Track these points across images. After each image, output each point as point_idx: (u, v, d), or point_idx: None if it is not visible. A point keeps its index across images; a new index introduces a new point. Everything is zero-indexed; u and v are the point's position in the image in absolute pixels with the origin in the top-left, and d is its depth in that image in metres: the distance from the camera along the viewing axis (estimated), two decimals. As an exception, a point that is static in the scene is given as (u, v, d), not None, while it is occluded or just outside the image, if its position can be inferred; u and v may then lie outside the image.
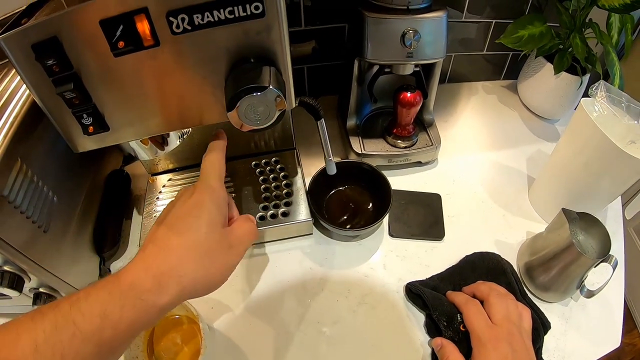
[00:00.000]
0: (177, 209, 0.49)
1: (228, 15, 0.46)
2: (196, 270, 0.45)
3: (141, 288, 0.41)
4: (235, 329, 0.73)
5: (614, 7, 0.86)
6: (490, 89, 1.22)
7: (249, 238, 0.53)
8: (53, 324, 0.37)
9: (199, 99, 0.54)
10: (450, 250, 0.83)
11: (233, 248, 0.50)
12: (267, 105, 0.48)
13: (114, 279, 0.42)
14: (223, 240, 0.49)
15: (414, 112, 0.90)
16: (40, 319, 0.37)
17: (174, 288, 0.43)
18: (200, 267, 0.45)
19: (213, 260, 0.47)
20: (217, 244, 0.48)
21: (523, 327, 0.65)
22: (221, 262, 0.48)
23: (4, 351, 0.36)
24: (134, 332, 0.42)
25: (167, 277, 0.43)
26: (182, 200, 0.51)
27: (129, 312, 0.40)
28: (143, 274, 0.42)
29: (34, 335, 0.36)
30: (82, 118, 0.53)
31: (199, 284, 0.46)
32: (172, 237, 0.46)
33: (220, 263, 0.48)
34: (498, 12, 1.07)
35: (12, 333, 0.37)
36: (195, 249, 0.46)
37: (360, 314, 0.75)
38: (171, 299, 0.43)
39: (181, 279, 0.43)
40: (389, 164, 0.95)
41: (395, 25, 0.76)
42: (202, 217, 0.48)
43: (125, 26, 0.45)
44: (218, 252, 0.48)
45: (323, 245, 0.84)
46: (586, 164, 0.75)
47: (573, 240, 0.67)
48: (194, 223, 0.47)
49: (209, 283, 0.48)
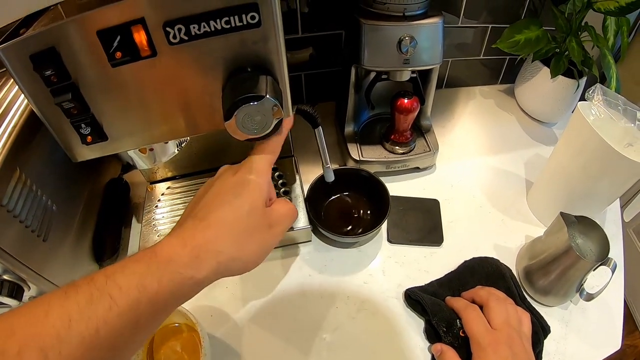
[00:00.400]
0: (219, 185, 0.49)
1: (224, 25, 0.46)
2: (234, 247, 0.44)
3: (179, 262, 0.40)
4: (235, 337, 0.73)
5: (609, 10, 0.86)
6: (487, 93, 1.23)
7: (288, 219, 0.52)
8: (88, 297, 0.36)
9: (196, 108, 0.54)
10: (449, 255, 0.83)
11: (273, 228, 0.49)
12: (264, 114, 0.48)
13: (151, 253, 0.41)
14: (264, 220, 0.48)
15: (412, 118, 0.90)
16: (74, 292, 0.36)
17: (211, 263, 0.42)
18: (238, 244, 0.45)
19: (252, 239, 0.46)
20: (258, 222, 0.47)
21: (523, 331, 0.65)
22: (260, 241, 0.48)
23: (34, 326, 0.34)
24: (170, 307, 0.42)
25: (205, 252, 0.42)
26: (224, 176, 0.50)
27: (167, 286, 0.39)
28: (180, 248, 0.41)
29: (67, 309, 0.35)
30: (81, 128, 0.52)
31: (235, 262, 0.45)
32: (212, 212, 0.45)
33: (259, 242, 0.47)
34: (494, 17, 1.07)
35: (44, 305, 0.35)
36: (235, 226, 0.45)
37: (359, 321, 0.75)
38: (208, 274, 0.42)
39: (219, 255, 0.43)
40: (387, 170, 0.95)
41: (392, 32, 0.77)
42: (245, 194, 0.47)
43: (122, 37, 0.45)
44: (258, 231, 0.47)
45: (322, 252, 0.84)
46: (584, 168, 0.76)
47: (572, 244, 0.67)
48: (236, 200, 0.47)
49: (246, 262, 0.47)
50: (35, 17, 0.48)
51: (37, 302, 0.36)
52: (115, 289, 0.37)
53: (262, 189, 0.49)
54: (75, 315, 0.35)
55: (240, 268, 0.46)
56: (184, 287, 0.41)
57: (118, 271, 0.38)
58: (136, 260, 0.40)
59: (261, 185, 0.49)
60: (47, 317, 0.34)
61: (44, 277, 0.61)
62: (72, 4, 0.46)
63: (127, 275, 0.38)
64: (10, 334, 0.33)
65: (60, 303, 0.35)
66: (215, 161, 0.89)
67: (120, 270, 0.38)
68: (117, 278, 0.37)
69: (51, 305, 0.35)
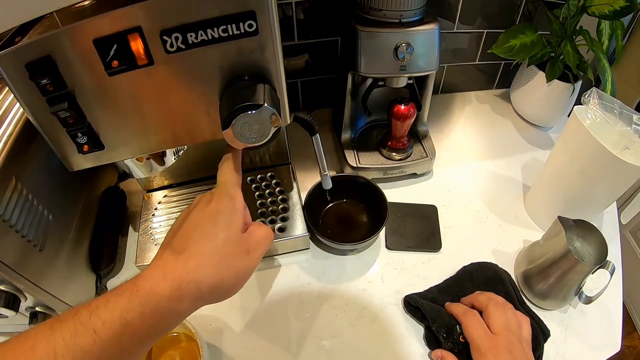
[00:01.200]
0: (195, 215, 0.49)
1: (222, 33, 0.46)
2: (214, 277, 0.45)
3: (160, 294, 0.41)
4: (233, 346, 0.73)
5: (603, 14, 0.87)
6: (483, 98, 1.23)
7: (265, 242, 0.53)
8: (73, 332, 0.37)
9: (193, 117, 0.54)
10: (447, 261, 0.83)
11: (250, 253, 0.49)
12: (262, 123, 0.48)
13: (132, 286, 0.41)
14: (241, 246, 0.48)
15: (408, 124, 0.90)
16: (59, 327, 0.37)
17: (192, 293, 0.43)
18: (218, 272, 0.45)
19: (231, 265, 0.47)
20: (236, 249, 0.47)
21: (523, 335, 0.64)
22: (239, 267, 0.48)
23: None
24: (153, 338, 0.42)
25: (186, 283, 0.42)
26: (199, 207, 0.50)
27: (149, 319, 0.40)
28: (162, 280, 0.42)
29: (52, 343, 0.36)
30: (77, 137, 0.52)
31: (216, 290, 0.46)
32: (190, 243, 0.46)
33: (238, 268, 0.48)
34: (489, 22, 1.08)
35: (30, 341, 0.36)
36: (213, 255, 0.45)
37: (359, 328, 0.74)
38: (190, 305, 0.43)
39: (200, 285, 0.43)
40: (385, 176, 0.95)
41: (388, 39, 0.77)
42: (220, 223, 0.48)
43: (119, 45, 0.45)
44: (236, 257, 0.47)
45: (320, 259, 0.84)
46: (581, 171, 0.76)
47: (570, 247, 0.67)
48: (212, 229, 0.47)
49: (227, 288, 0.47)
50: (31, 26, 0.48)
51: (23, 336, 0.37)
52: (98, 324, 0.38)
53: (238, 216, 0.50)
54: (61, 350, 0.36)
55: (221, 295, 0.47)
56: (166, 318, 0.42)
57: (101, 305, 0.39)
58: (119, 294, 0.40)
59: (237, 211, 0.50)
60: (33, 352, 0.36)
61: (40, 287, 0.61)
62: (68, 12, 0.45)
63: (110, 309, 0.39)
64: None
65: (46, 338, 0.37)
66: (212, 169, 0.87)
67: (103, 305, 0.39)
68: (100, 312, 0.39)
69: (37, 340, 0.37)
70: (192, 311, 0.45)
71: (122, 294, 0.40)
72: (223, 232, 0.47)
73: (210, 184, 0.89)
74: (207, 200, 0.51)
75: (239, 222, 0.49)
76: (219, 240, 0.46)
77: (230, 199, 0.50)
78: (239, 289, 0.49)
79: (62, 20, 0.45)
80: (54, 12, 0.45)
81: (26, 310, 0.64)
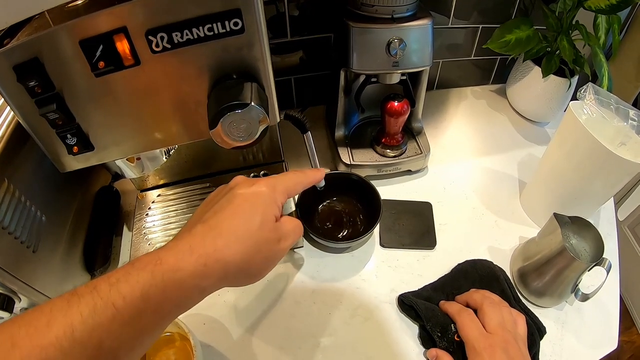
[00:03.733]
0: (233, 195, 0.48)
1: (207, 32, 0.46)
2: (243, 259, 0.44)
3: (185, 270, 0.40)
4: (228, 345, 0.73)
5: (600, 9, 0.86)
6: (479, 94, 1.23)
7: (296, 232, 0.53)
8: (92, 307, 0.35)
9: (182, 117, 0.54)
10: (442, 258, 0.83)
11: (281, 242, 0.49)
12: (250, 122, 0.48)
13: (156, 259, 0.40)
14: (274, 234, 0.48)
15: (402, 121, 0.90)
16: (77, 301, 0.36)
17: (218, 273, 0.42)
18: (247, 256, 0.44)
19: (261, 251, 0.46)
20: (268, 236, 0.47)
21: (518, 333, 0.64)
22: (268, 253, 0.47)
23: (37, 337, 0.33)
24: (174, 314, 0.42)
25: (213, 261, 0.41)
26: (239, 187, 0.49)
27: (172, 295, 0.39)
28: (188, 255, 0.41)
29: (69, 319, 0.34)
30: (67, 138, 0.52)
31: (242, 274, 0.45)
32: (224, 221, 0.45)
33: (267, 255, 0.47)
34: (485, 17, 1.08)
35: (46, 315, 0.35)
36: (246, 238, 0.44)
37: (353, 326, 0.74)
38: (214, 282, 0.43)
39: (227, 265, 0.43)
40: (379, 173, 0.95)
41: (380, 35, 0.77)
42: (259, 207, 0.47)
43: (105, 46, 0.45)
44: (267, 245, 0.47)
45: (314, 257, 0.84)
46: (577, 167, 0.76)
47: (566, 244, 0.67)
48: (249, 210, 0.46)
49: (252, 275, 0.47)
50: (20, 27, 0.48)
51: (38, 310, 0.35)
52: (119, 299, 0.36)
53: (276, 204, 0.49)
54: (78, 326, 0.34)
55: (245, 280, 0.47)
56: (189, 296, 0.41)
57: (122, 279, 0.38)
58: (141, 268, 0.39)
59: (276, 200, 0.49)
60: (49, 327, 0.34)
61: (34, 288, 0.60)
62: (61, 11, 0.46)
63: (132, 284, 0.37)
64: (12, 346, 0.33)
65: (63, 313, 0.35)
66: (205, 168, 0.89)
67: (124, 279, 0.38)
68: (121, 287, 0.37)
69: (53, 314, 0.35)
70: (216, 289, 0.44)
71: (144, 268, 0.39)
72: (260, 216, 0.46)
73: (204, 182, 0.89)
74: (250, 183, 0.50)
75: (277, 211, 0.49)
76: (254, 223, 0.46)
77: (271, 189, 0.49)
78: (264, 275, 0.49)
79: (54, 19, 0.45)
80: (45, 12, 0.45)
81: (21, 312, 0.64)
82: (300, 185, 0.56)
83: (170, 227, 0.82)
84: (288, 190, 0.52)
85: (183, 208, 0.85)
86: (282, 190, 0.51)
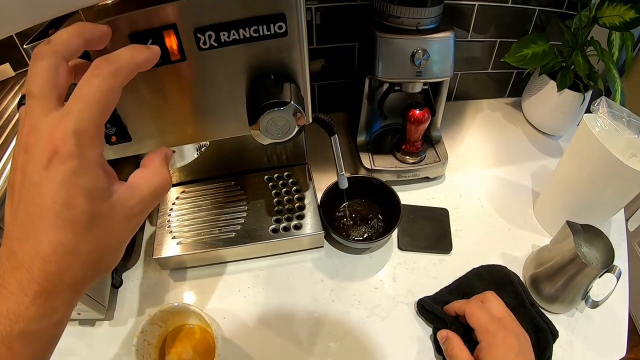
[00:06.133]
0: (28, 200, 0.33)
1: (253, 33, 0.48)
2: (86, 269, 0.35)
3: (25, 315, 0.32)
4: (247, 340, 0.74)
5: (614, 25, 0.88)
6: (495, 106, 1.25)
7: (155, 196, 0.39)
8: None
9: (219, 113, 0.56)
10: (457, 263, 0.84)
11: (130, 220, 0.37)
12: (288, 119, 0.50)
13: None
14: (113, 219, 0.35)
15: (423, 128, 0.92)
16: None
17: (64, 297, 0.34)
18: (89, 263, 0.35)
19: (107, 247, 0.36)
20: (105, 229, 0.35)
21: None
22: (116, 242, 0.37)
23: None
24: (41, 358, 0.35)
25: (54, 292, 0.33)
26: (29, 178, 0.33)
27: (22, 348, 0.32)
28: (22, 297, 0.32)
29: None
30: (106, 127, 0.54)
31: (92, 279, 0.36)
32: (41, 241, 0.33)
33: (115, 243, 0.37)
34: (502, 32, 1.10)
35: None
36: (77, 246, 0.33)
37: (370, 325, 0.76)
38: (66, 309, 0.35)
39: (72, 286, 0.34)
40: (398, 179, 0.97)
41: (405, 45, 0.79)
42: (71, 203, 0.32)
43: (154, 40, 0.47)
44: (109, 235, 0.35)
45: (334, 257, 0.86)
46: (589, 178, 0.77)
47: (577, 252, 0.68)
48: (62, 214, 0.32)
49: (104, 269, 0.37)
50: (63, 20, 0.50)
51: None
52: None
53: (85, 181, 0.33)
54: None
55: (98, 277, 0.37)
56: (45, 336, 0.34)
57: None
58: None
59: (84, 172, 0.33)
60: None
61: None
62: (92, 11, 0.47)
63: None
64: None
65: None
66: (230, 167, 0.91)
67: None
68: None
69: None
70: (71, 311, 0.36)
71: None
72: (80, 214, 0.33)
73: (228, 181, 0.92)
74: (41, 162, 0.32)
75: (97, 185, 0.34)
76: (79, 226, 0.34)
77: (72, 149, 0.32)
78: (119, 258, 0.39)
79: (87, 17, 0.47)
80: (79, 10, 0.47)
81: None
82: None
83: (194, 223, 0.84)
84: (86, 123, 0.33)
85: (207, 205, 0.87)
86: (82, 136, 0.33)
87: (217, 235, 0.82)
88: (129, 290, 0.81)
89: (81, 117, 0.33)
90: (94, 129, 0.34)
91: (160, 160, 0.42)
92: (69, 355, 0.73)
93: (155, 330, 0.69)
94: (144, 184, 0.39)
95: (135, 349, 0.65)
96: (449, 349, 0.66)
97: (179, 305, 0.69)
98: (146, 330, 0.67)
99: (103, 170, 0.35)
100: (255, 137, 0.52)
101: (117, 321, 0.77)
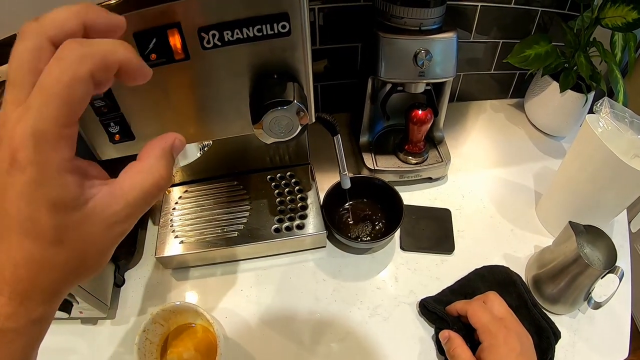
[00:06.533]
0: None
1: (256, 33, 0.48)
2: (67, 271, 0.31)
3: (1, 314, 0.29)
4: (249, 339, 0.75)
5: (617, 26, 0.88)
6: (497, 107, 1.25)
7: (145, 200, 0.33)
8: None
9: (223, 112, 0.56)
10: (460, 263, 0.84)
11: (112, 228, 0.31)
12: (291, 118, 0.51)
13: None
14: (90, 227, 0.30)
15: (425, 129, 0.92)
16: None
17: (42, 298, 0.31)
18: (74, 265, 0.31)
19: (89, 250, 0.31)
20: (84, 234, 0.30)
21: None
22: (99, 248, 0.32)
23: None
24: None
25: (29, 297, 0.30)
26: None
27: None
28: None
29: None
30: (110, 126, 0.54)
31: (79, 280, 0.33)
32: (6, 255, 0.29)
33: (98, 248, 0.32)
34: (505, 33, 1.10)
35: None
36: (53, 257, 0.29)
37: (372, 325, 0.76)
38: (46, 308, 0.32)
39: (56, 295, 0.32)
40: (401, 179, 0.97)
41: (408, 46, 0.79)
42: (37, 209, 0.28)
43: (158, 39, 0.47)
44: (91, 241, 0.31)
45: (336, 257, 0.86)
46: (591, 178, 0.77)
47: (580, 252, 0.68)
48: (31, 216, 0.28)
49: (92, 271, 0.33)
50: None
51: None
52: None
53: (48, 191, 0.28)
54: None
55: (81, 281, 0.33)
56: (24, 335, 0.31)
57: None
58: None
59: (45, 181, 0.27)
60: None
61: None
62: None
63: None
64: None
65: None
66: (232, 167, 0.92)
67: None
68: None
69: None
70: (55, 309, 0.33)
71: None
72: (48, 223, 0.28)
73: (231, 181, 0.92)
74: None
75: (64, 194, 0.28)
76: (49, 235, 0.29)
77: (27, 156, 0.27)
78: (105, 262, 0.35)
79: None
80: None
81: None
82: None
83: (197, 222, 0.85)
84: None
85: (210, 204, 0.88)
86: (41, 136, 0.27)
87: (220, 235, 0.82)
88: (132, 289, 0.82)
89: (39, 116, 0.26)
90: (56, 129, 0.27)
91: (158, 152, 0.35)
92: (71, 353, 0.73)
93: (157, 329, 0.69)
94: (132, 185, 0.32)
95: (138, 348, 0.65)
96: (451, 349, 0.66)
97: (181, 304, 0.69)
98: (148, 329, 0.67)
99: (73, 176, 0.29)
100: (259, 136, 0.52)
101: (119, 320, 0.78)
